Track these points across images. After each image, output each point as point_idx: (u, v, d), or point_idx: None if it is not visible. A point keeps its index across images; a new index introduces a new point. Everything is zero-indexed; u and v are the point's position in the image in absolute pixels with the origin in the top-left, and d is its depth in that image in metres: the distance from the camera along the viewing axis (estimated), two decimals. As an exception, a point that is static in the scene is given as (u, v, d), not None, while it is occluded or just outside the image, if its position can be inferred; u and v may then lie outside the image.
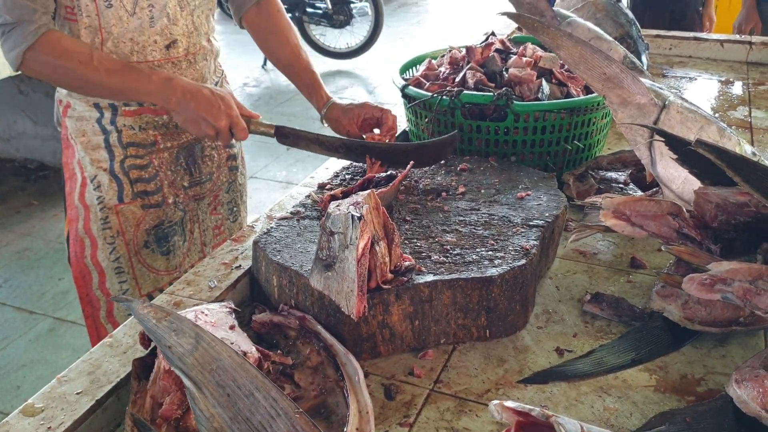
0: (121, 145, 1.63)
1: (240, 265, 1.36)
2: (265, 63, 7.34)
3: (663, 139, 1.23)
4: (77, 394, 1.04)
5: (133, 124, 1.63)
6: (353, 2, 7.36)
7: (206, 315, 1.07)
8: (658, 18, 4.21)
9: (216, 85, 1.80)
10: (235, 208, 1.93)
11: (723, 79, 2.59)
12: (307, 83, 1.83)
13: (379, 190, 1.34)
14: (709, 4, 4.30)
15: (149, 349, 1.05)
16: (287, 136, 1.55)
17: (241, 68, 7.24)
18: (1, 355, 3.11)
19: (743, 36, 2.86)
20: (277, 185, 4.76)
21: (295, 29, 1.88)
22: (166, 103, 1.50)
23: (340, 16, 7.27)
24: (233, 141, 1.85)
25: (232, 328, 1.07)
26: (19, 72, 1.48)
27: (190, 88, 1.48)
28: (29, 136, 4.81)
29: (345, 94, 6.59)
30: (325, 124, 1.78)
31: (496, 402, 0.79)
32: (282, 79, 7.28)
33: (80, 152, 1.64)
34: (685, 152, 1.15)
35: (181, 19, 1.61)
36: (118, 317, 1.73)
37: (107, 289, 1.72)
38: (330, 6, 7.25)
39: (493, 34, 2.07)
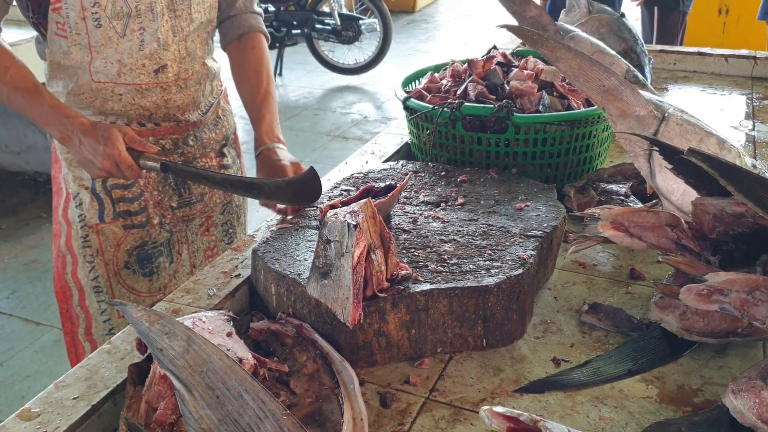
0: None
1: (239, 274, 1.37)
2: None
3: (658, 149, 1.23)
4: (74, 399, 1.05)
5: None
6: (362, 19, 7.41)
7: (204, 322, 1.08)
8: (678, 18, 4.48)
9: (212, 105, 1.77)
10: (230, 230, 1.88)
11: (727, 93, 2.60)
12: (253, 117, 1.73)
13: (378, 200, 1.35)
14: None
15: (146, 354, 1.05)
16: (176, 171, 1.47)
17: (250, 84, 7.29)
18: (6, 366, 3.13)
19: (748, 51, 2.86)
20: (284, 199, 4.77)
21: (268, 67, 1.79)
22: (60, 140, 1.47)
23: (348, 32, 7.32)
24: (229, 162, 1.81)
25: (229, 335, 1.08)
26: None
27: (81, 128, 1.42)
28: (39, 150, 4.86)
29: (353, 109, 6.63)
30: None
31: (486, 408, 0.79)
32: (291, 95, 7.36)
33: (65, 168, 1.64)
34: (681, 162, 1.15)
35: (173, 45, 1.59)
36: (96, 335, 1.70)
37: (87, 307, 1.69)
38: (339, 22, 7.31)
39: (495, 47, 2.08)
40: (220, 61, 1.84)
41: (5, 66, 1.45)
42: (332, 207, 1.38)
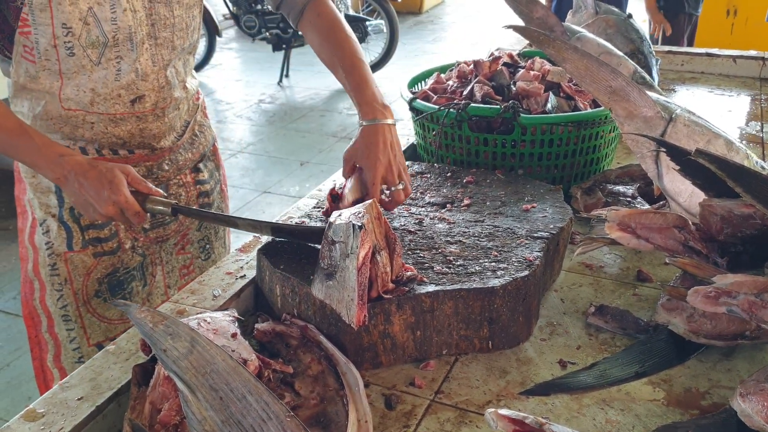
0: None
1: (244, 275, 1.37)
2: (280, 80, 7.41)
3: (665, 150, 1.23)
4: (78, 399, 1.05)
5: None
6: (368, 20, 7.41)
7: (209, 323, 1.08)
8: (683, 20, 4.60)
9: (188, 124, 1.66)
10: (207, 246, 1.78)
11: (735, 94, 2.58)
12: (350, 88, 1.50)
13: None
14: None
15: (150, 355, 1.05)
16: (188, 214, 1.42)
17: (257, 85, 7.32)
18: (13, 366, 3.14)
19: (756, 52, 2.84)
20: (290, 200, 4.78)
21: (343, 30, 1.58)
22: (54, 180, 1.35)
23: (355, 33, 7.31)
24: (205, 177, 1.71)
25: (234, 336, 1.07)
26: None
27: (80, 168, 1.31)
28: (47, 151, 4.87)
29: (359, 110, 6.62)
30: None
31: (491, 410, 0.79)
32: (297, 96, 7.36)
33: (30, 192, 1.53)
34: (688, 163, 1.15)
35: (152, 75, 1.48)
36: (65, 362, 1.62)
37: (56, 334, 1.60)
38: (345, 24, 7.30)
39: (498, 49, 2.08)
40: (198, 75, 1.74)
41: None
42: (333, 196, 1.38)
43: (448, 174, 1.62)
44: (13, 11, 1.33)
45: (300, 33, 1.65)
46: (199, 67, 7.37)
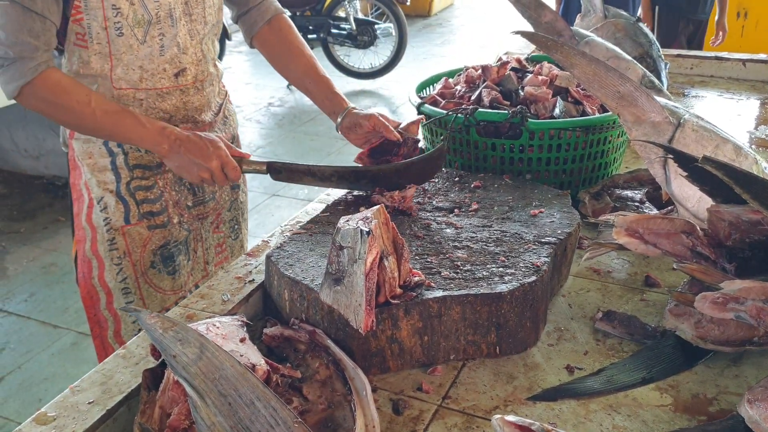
0: (127, 167, 1.65)
1: (253, 279, 1.38)
2: (290, 83, 7.43)
3: (673, 157, 1.23)
4: (89, 403, 1.06)
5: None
6: (377, 23, 7.42)
7: (218, 327, 1.09)
8: (680, 23, 4.53)
9: (221, 106, 1.82)
10: (236, 226, 1.94)
11: (745, 98, 2.57)
12: (323, 93, 1.80)
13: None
14: (722, 14, 4.51)
15: (160, 360, 1.06)
16: (279, 171, 1.55)
17: (266, 88, 7.33)
18: (24, 368, 3.16)
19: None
20: (299, 203, 4.80)
21: (307, 45, 1.86)
22: (158, 150, 1.53)
23: (364, 36, 7.33)
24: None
25: (242, 340, 1.08)
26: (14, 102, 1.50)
27: (180, 135, 1.51)
28: (58, 154, 4.91)
29: (368, 113, 6.62)
30: (340, 133, 1.75)
31: (497, 417, 0.79)
32: (306, 100, 7.32)
33: (87, 174, 1.66)
34: (696, 170, 1.15)
35: (191, 48, 1.64)
36: (126, 336, 1.73)
37: (115, 309, 1.72)
38: (354, 27, 7.32)
39: (506, 54, 2.08)
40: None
41: (86, 94, 1.47)
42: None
43: (456, 179, 1.63)
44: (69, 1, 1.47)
45: (254, 46, 1.88)
46: (208, 71, 7.39)
